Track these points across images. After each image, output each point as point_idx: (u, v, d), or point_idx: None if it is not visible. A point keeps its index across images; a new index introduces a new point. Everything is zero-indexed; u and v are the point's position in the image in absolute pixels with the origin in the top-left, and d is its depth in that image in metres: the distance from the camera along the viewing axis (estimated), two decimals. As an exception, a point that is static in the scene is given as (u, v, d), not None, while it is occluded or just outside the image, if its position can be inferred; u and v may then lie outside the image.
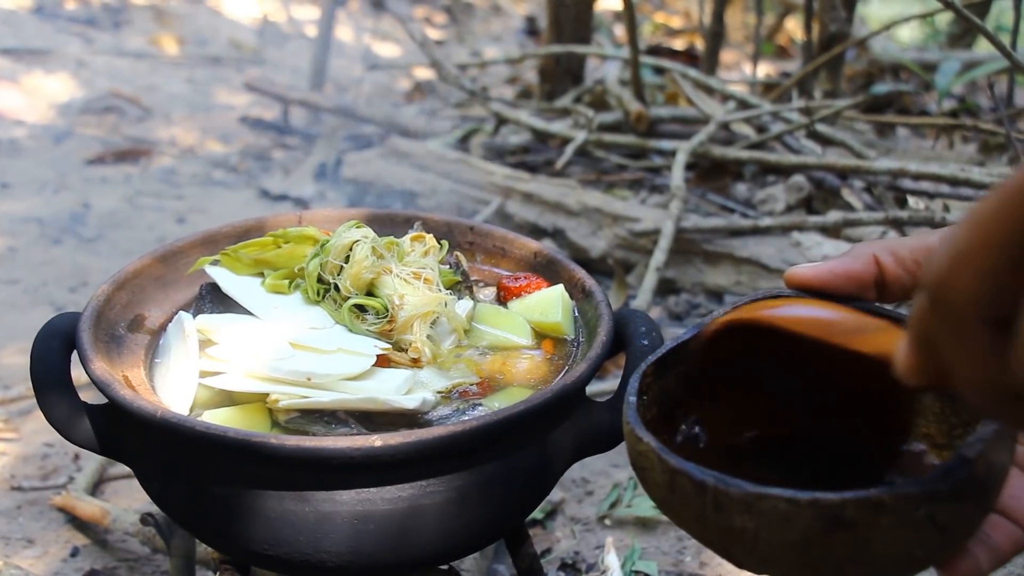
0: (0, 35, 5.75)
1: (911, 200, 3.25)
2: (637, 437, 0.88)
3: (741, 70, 6.69)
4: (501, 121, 4.07)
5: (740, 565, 0.84)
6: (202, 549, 1.73)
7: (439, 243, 1.49)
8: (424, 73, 6.10)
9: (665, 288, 3.08)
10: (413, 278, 1.39)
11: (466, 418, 1.24)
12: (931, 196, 3.20)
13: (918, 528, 0.77)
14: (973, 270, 0.58)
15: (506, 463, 1.22)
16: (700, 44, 5.73)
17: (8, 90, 5.05)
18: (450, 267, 1.51)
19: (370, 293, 1.39)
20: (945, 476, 0.77)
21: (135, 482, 2.08)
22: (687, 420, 1.01)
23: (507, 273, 1.58)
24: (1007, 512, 0.88)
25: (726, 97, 3.92)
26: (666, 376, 1.00)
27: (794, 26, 7.54)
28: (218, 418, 1.22)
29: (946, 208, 3.06)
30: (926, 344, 0.65)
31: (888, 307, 0.98)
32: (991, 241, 0.57)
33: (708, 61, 4.62)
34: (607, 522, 2.06)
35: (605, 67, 5.12)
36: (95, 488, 2.12)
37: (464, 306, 1.45)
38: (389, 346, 1.34)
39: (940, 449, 0.97)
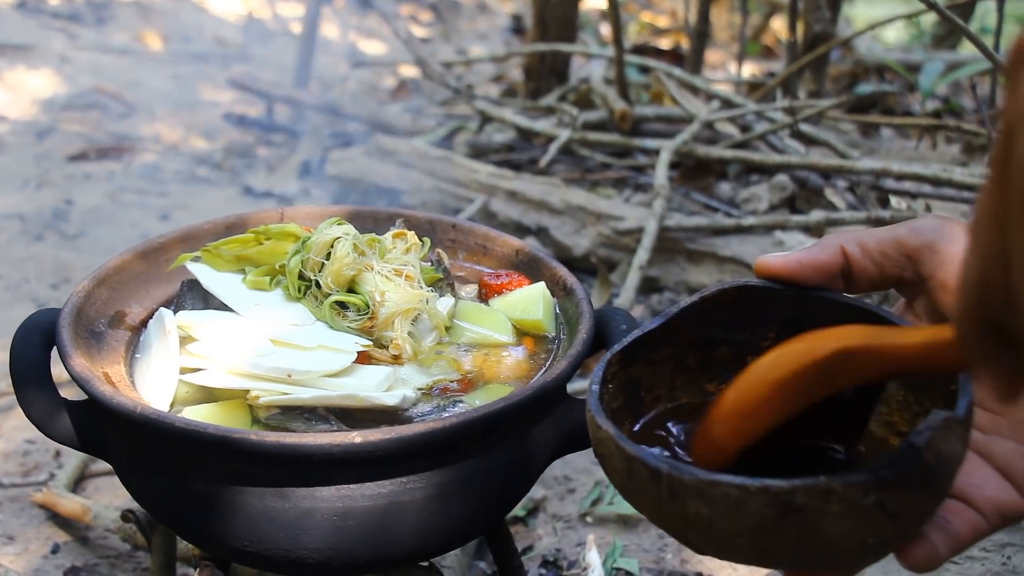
0: (-17, 30, 5.73)
1: (893, 200, 3.26)
2: (597, 425, 0.90)
3: (726, 69, 6.71)
4: (486, 119, 4.07)
5: (699, 551, 0.86)
6: (183, 546, 1.73)
7: (421, 240, 1.50)
8: (409, 71, 6.10)
9: (648, 286, 3.08)
10: (394, 275, 1.40)
11: (446, 415, 1.24)
12: (913, 196, 3.21)
13: (868, 515, 0.78)
14: None
15: (486, 460, 1.22)
16: (685, 43, 5.75)
17: (-9, 86, 5.03)
18: (432, 264, 1.51)
19: (351, 290, 1.39)
20: (894, 464, 0.78)
21: (116, 479, 2.08)
22: (653, 408, 1.03)
23: (489, 270, 1.59)
24: (967, 499, 0.90)
25: (710, 96, 3.93)
26: (633, 365, 1.01)
27: (779, 26, 7.56)
28: (198, 414, 1.22)
29: (928, 208, 3.07)
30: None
31: (853, 297, 0.99)
32: None
33: (693, 60, 4.62)
34: (588, 519, 2.07)
35: (590, 66, 5.13)
36: (76, 485, 2.11)
37: (445, 303, 1.45)
38: (370, 343, 1.35)
39: (902, 437, 0.98)
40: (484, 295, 1.53)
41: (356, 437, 1.10)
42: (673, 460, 0.83)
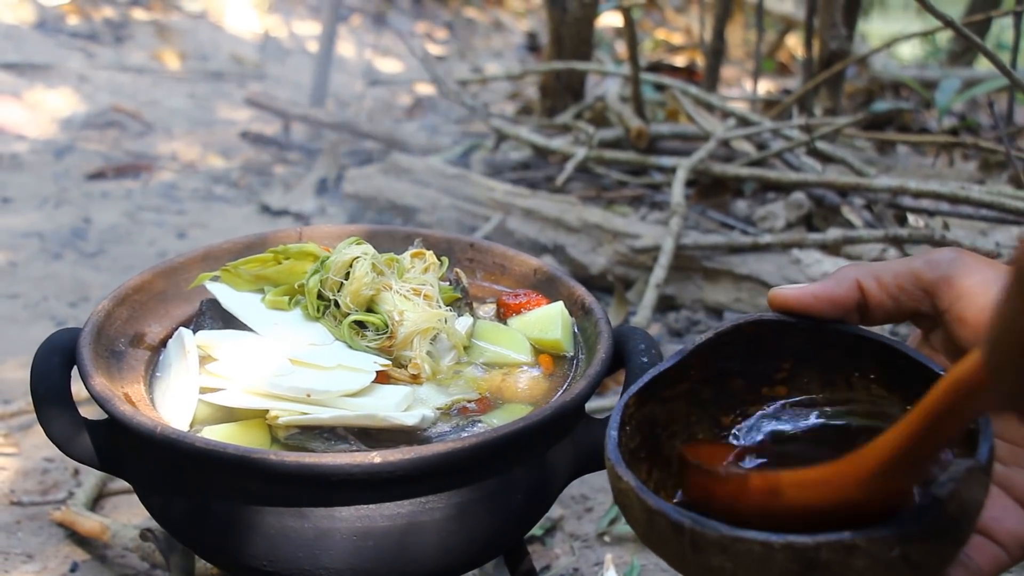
0: (2, 50, 5.77)
1: (911, 218, 3.26)
2: (617, 475, 0.89)
3: (742, 87, 6.71)
4: (501, 137, 4.08)
5: None
6: (201, 565, 1.73)
7: (439, 260, 1.50)
8: (425, 89, 6.12)
9: (665, 305, 3.08)
10: (413, 294, 1.40)
11: (465, 435, 1.24)
12: (931, 214, 3.20)
13: (892, 567, 0.78)
14: None
15: (505, 480, 1.22)
16: (701, 61, 5.75)
17: (10, 105, 5.06)
18: (450, 284, 1.51)
19: (370, 310, 1.39)
20: (917, 517, 0.78)
21: (135, 497, 2.08)
22: (669, 443, 1.02)
23: (507, 290, 1.58)
24: (989, 533, 0.89)
25: (726, 114, 3.93)
26: (649, 403, 1.00)
27: (795, 43, 7.56)
28: (218, 434, 1.22)
29: (946, 226, 3.06)
30: None
31: (868, 329, 0.99)
32: None
33: (708, 78, 4.63)
34: (606, 539, 2.06)
35: (606, 84, 5.14)
36: (95, 503, 2.12)
37: (464, 323, 1.45)
38: (389, 362, 1.35)
39: None
40: (502, 314, 1.53)
41: (375, 457, 1.10)
42: (696, 515, 0.82)
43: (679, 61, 7.03)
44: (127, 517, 2.08)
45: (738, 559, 0.79)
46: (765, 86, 6.17)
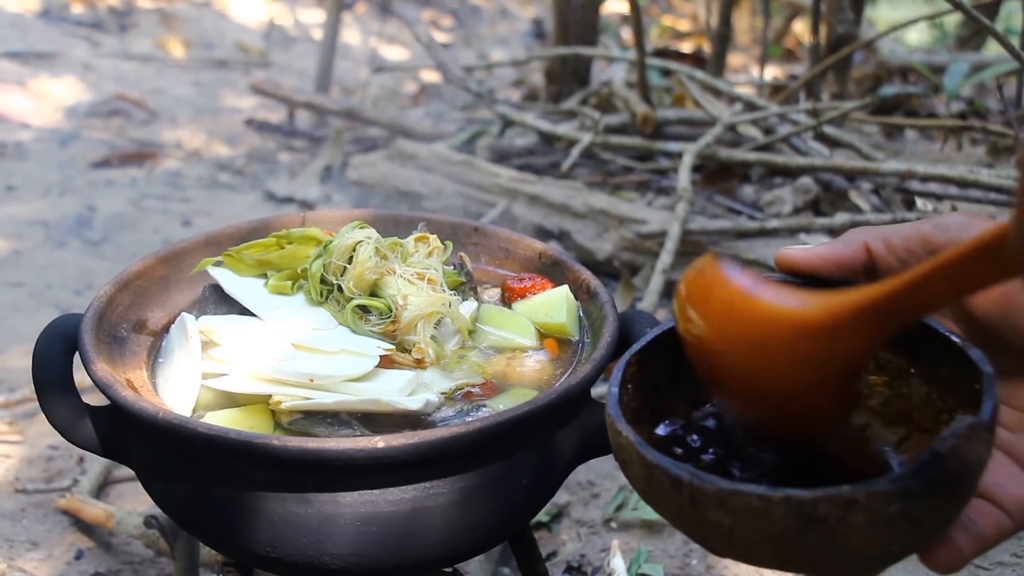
0: (7, 39, 5.76)
1: (919, 202, 3.24)
2: (617, 430, 0.89)
3: (748, 73, 6.68)
4: (507, 123, 4.06)
5: (720, 555, 0.86)
6: (206, 552, 1.72)
7: (443, 244, 1.48)
8: (430, 76, 6.11)
9: (671, 290, 3.05)
10: (417, 279, 1.39)
11: (470, 419, 1.23)
12: (939, 198, 3.18)
13: (892, 523, 0.77)
14: None
15: (510, 465, 1.21)
16: (707, 47, 5.73)
17: (15, 93, 5.05)
18: (454, 268, 1.50)
19: (374, 294, 1.38)
20: (918, 473, 0.77)
21: (139, 485, 2.08)
22: (672, 406, 1.01)
23: (512, 274, 1.57)
24: (992, 498, 0.88)
25: (733, 99, 3.91)
26: (652, 363, 0.99)
27: (802, 29, 7.53)
28: (220, 420, 1.21)
29: (954, 210, 3.05)
30: None
31: None
32: None
33: (715, 63, 4.61)
34: (613, 525, 2.05)
35: (611, 69, 5.12)
36: (100, 491, 2.11)
37: (468, 307, 1.44)
38: (392, 347, 1.34)
39: (924, 433, 0.96)
40: (507, 299, 1.52)
41: (379, 442, 1.09)
42: (694, 468, 0.81)
43: (686, 47, 7.00)
44: (132, 504, 2.08)
45: (736, 513, 0.78)
46: (772, 71, 6.15)
